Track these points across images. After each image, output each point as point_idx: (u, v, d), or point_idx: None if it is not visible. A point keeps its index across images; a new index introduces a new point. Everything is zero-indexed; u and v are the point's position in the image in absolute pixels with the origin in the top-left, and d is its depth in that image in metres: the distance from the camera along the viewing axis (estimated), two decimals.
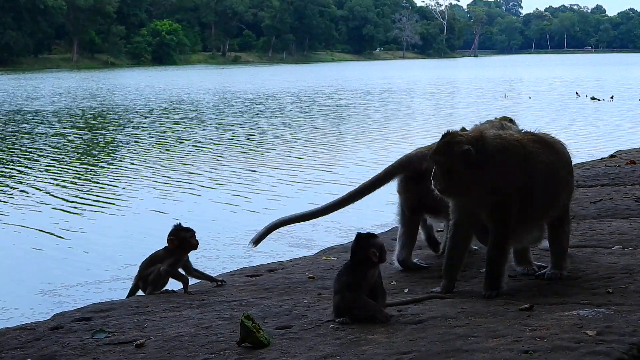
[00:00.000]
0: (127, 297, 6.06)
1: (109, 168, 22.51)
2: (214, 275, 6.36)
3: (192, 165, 22.34)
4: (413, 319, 4.57)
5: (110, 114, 40.35)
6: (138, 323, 4.92)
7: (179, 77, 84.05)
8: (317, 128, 32.14)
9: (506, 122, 8.19)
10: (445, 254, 5.27)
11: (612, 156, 12.80)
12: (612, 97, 42.90)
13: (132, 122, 36.14)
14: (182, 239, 6.06)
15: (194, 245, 6.10)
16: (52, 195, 17.97)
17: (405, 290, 5.36)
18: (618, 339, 3.98)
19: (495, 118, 8.84)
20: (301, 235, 13.47)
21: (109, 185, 19.28)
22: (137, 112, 41.42)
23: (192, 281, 6.26)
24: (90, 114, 40.89)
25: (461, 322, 4.43)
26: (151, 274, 6.08)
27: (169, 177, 20.21)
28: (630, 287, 4.96)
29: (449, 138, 5.06)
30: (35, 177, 20.68)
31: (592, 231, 6.85)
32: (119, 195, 17.77)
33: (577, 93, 46.64)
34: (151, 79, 79.07)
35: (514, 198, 5.03)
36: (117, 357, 4.34)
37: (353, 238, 4.81)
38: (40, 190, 18.64)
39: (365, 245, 4.69)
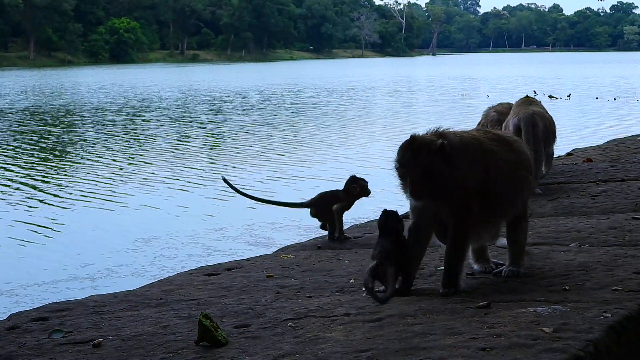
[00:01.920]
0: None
1: (70, 167, 22.36)
2: (170, 275, 6.38)
3: (156, 162, 22.26)
4: (371, 317, 4.58)
5: (80, 112, 40.12)
6: (95, 322, 4.89)
7: (142, 75, 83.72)
8: (291, 125, 32.23)
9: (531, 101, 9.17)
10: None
11: (569, 154, 12.90)
12: (569, 96, 43.26)
13: (102, 120, 35.99)
14: (362, 187, 7.57)
15: (368, 192, 7.62)
16: (11, 193, 17.84)
17: (364, 288, 5.36)
18: (574, 335, 4.00)
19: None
20: (260, 234, 13.47)
21: (68, 183, 19.16)
22: (107, 109, 41.25)
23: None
24: (61, 111, 40.63)
25: (419, 320, 4.45)
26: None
27: (129, 175, 20.11)
28: (586, 284, 4.99)
29: (416, 142, 4.94)
30: None
31: (549, 229, 6.90)
32: (78, 193, 17.65)
33: (534, 91, 46.96)
34: (114, 77, 78.66)
35: (475, 196, 5.02)
36: (74, 357, 4.30)
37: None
38: None
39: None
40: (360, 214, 13.74)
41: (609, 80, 63.31)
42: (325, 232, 7.73)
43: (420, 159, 4.90)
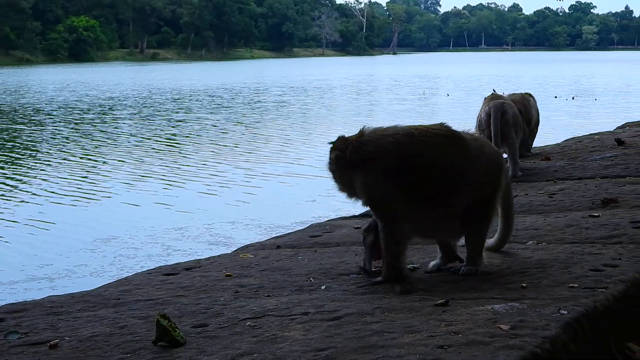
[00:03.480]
0: None
1: (28, 165, 22.19)
2: (128, 275, 6.34)
3: (118, 162, 22.14)
4: (329, 315, 4.57)
5: (47, 110, 39.87)
6: (52, 323, 4.84)
7: (105, 74, 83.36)
8: (262, 123, 32.25)
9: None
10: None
11: None
12: None
13: (69, 118, 35.82)
14: None
15: None
16: None
17: (322, 287, 5.37)
18: (531, 332, 4.02)
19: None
20: (220, 233, 13.44)
21: (26, 182, 19.01)
22: (75, 108, 41.03)
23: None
24: (30, 110, 40.34)
25: (377, 318, 4.45)
26: None
27: (89, 174, 19.99)
28: (543, 282, 5.02)
29: (331, 146, 5.29)
30: None
31: None
32: (36, 192, 17.54)
33: (494, 90, 47.22)
34: (77, 76, 78.16)
35: (394, 197, 5.05)
36: (29, 359, 4.27)
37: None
38: None
39: None
40: (320, 212, 13.75)
41: (567, 79, 63.78)
42: (284, 232, 7.80)
43: (329, 167, 5.27)
